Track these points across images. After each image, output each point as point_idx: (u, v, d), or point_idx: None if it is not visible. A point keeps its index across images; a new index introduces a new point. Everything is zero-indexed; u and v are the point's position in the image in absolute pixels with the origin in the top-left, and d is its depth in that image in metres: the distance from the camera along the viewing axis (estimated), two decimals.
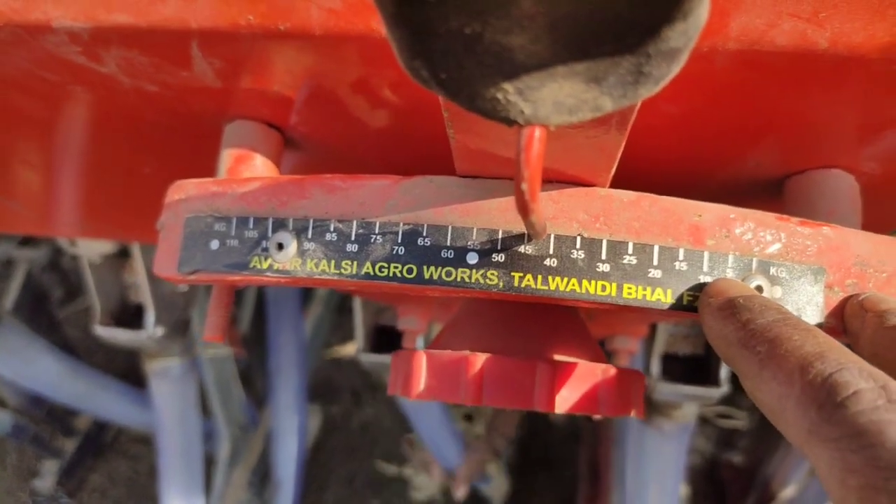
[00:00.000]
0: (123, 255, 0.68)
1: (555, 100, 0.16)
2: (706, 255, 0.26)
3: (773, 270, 0.26)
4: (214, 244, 0.29)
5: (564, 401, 0.29)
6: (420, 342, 0.61)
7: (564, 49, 0.15)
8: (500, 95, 0.16)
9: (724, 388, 0.63)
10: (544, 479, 1.85)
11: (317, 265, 0.28)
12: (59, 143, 0.40)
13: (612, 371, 0.30)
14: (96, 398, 1.07)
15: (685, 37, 0.15)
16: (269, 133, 0.37)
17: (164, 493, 0.88)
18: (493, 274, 0.26)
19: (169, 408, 0.83)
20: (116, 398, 1.12)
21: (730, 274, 0.26)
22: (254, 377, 1.47)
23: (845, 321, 0.26)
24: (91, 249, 0.65)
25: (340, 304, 1.74)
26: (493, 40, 0.15)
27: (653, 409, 0.70)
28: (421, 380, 0.31)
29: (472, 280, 0.26)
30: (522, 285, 0.26)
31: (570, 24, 0.15)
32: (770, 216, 0.27)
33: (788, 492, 1.31)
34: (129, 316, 0.73)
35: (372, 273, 0.27)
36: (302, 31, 0.29)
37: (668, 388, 0.64)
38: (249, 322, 1.34)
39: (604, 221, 0.26)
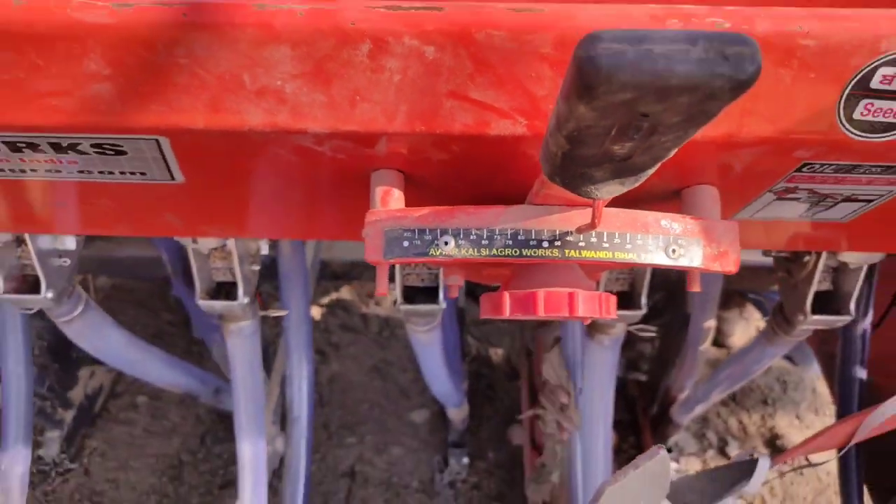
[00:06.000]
0: (221, 248, 0.92)
1: (607, 191, 0.46)
2: (650, 237, 0.56)
3: (679, 242, 0.57)
4: (405, 243, 0.57)
5: (583, 310, 0.59)
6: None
7: (612, 176, 0.45)
8: (589, 188, 0.45)
9: (643, 311, 0.96)
10: (488, 408, 2.19)
11: (466, 252, 0.56)
12: (270, 185, 0.66)
13: (603, 295, 0.60)
14: (147, 366, 1.29)
15: (653, 170, 0.44)
16: (399, 175, 0.64)
17: (238, 427, 1.13)
18: (555, 251, 0.55)
19: (242, 359, 1.08)
20: (162, 366, 1.35)
21: (660, 243, 0.56)
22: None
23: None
24: (205, 245, 0.90)
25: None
26: (587, 174, 0.44)
27: (594, 327, 1.03)
28: (506, 307, 0.60)
29: (546, 254, 0.55)
30: (569, 255, 0.55)
31: (619, 169, 0.44)
32: (677, 216, 0.57)
33: (684, 395, 1.70)
34: (216, 291, 0.98)
35: (497, 254, 0.56)
36: (446, 135, 0.56)
37: None
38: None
39: (605, 223, 0.56)
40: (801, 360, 2.29)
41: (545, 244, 0.55)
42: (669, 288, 2.06)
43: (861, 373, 1.35)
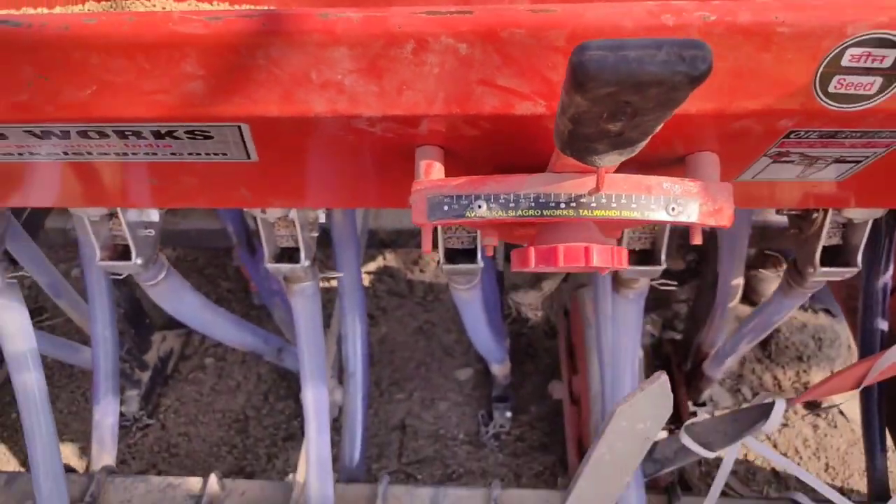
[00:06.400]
0: (285, 217, 1.05)
1: (609, 160, 0.56)
2: (652, 197, 0.66)
3: (678, 201, 0.67)
4: (445, 207, 0.68)
5: (597, 261, 0.70)
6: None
7: (611, 148, 0.55)
8: (593, 158, 0.56)
9: (663, 266, 1.05)
10: (530, 365, 2.31)
11: (496, 213, 0.67)
12: (330, 161, 0.78)
13: (615, 248, 0.71)
14: (218, 326, 1.45)
15: (644, 142, 0.55)
16: (439, 150, 0.75)
17: (303, 377, 1.27)
18: (571, 210, 0.66)
19: (305, 316, 1.22)
20: (231, 326, 1.50)
21: (661, 203, 0.66)
22: None
23: None
24: (272, 214, 1.03)
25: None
26: (591, 147, 0.55)
27: (620, 283, 1.13)
28: (532, 259, 0.71)
29: (564, 213, 0.66)
30: (582, 214, 0.66)
31: (615, 143, 0.54)
32: (678, 179, 0.67)
33: (714, 350, 1.79)
34: (280, 255, 1.11)
35: (522, 214, 0.66)
36: (478, 115, 0.67)
37: (630, 269, 1.06)
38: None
39: (611, 186, 0.66)
40: (838, 313, 2.34)
41: (562, 205, 0.66)
42: (702, 250, 2.13)
43: (882, 324, 1.42)
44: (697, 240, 0.74)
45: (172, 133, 0.74)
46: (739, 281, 1.62)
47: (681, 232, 2.16)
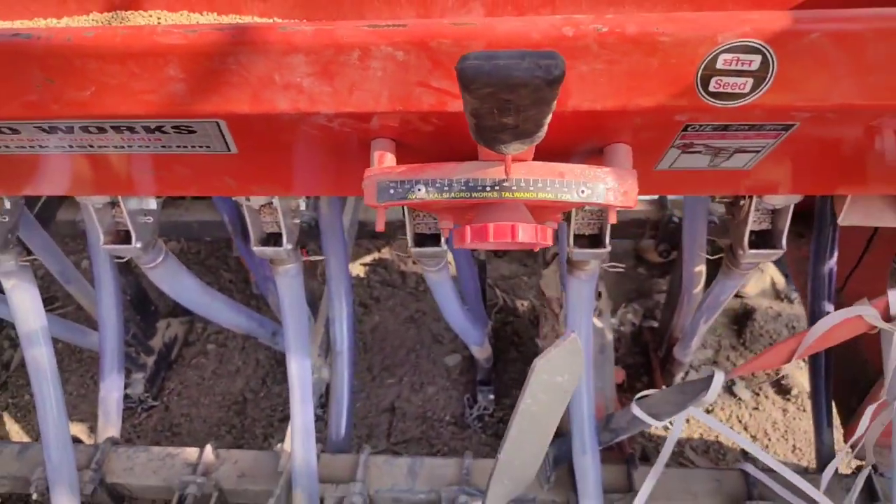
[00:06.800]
0: (269, 205, 1.18)
1: (514, 148, 0.67)
2: (565, 181, 0.78)
3: (587, 185, 0.78)
4: (391, 191, 0.80)
5: (522, 237, 0.81)
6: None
7: (513, 138, 0.66)
8: (500, 147, 0.68)
9: (608, 249, 1.16)
10: (514, 352, 2.43)
11: (433, 195, 0.79)
12: (298, 153, 0.90)
13: (540, 227, 0.82)
14: (215, 308, 1.57)
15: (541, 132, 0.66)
16: (391, 143, 0.87)
17: (287, 348, 1.39)
18: (495, 193, 0.77)
19: (289, 294, 1.34)
20: (227, 309, 1.63)
21: (573, 186, 0.78)
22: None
23: None
24: (256, 202, 1.15)
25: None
26: (497, 138, 0.66)
27: (573, 265, 1.24)
28: (467, 236, 0.83)
29: (489, 195, 0.78)
30: (504, 196, 0.77)
31: (516, 134, 0.66)
32: (588, 166, 0.79)
33: (681, 336, 1.90)
34: (265, 240, 1.24)
35: (455, 196, 0.78)
36: (417, 112, 0.78)
37: (579, 252, 1.18)
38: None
39: (529, 172, 0.77)
40: None
41: (488, 188, 0.78)
42: (675, 243, 2.24)
43: (829, 307, 1.53)
44: (612, 219, 0.85)
45: (161, 128, 0.87)
46: (701, 268, 1.72)
47: (659, 227, 2.27)
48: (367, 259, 2.79)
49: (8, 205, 1.31)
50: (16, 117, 0.86)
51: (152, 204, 1.25)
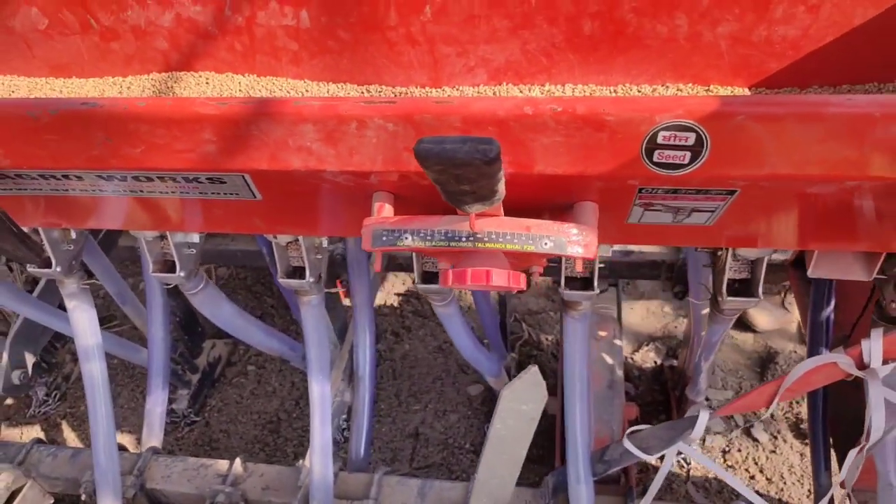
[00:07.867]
0: (295, 241, 1.33)
1: (476, 208, 0.80)
2: (531, 234, 0.90)
3: (550, 237, 0.90)
4: (384, 238, 0.94)
5: (496, 281, 0.94)
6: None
7: (474, 200, 0.79)
8: (465, 206, 0.81)
9: (597, 292, 1.27)
10: None
11: (418, 244, 0.92)
12: (313, 201, 1.05)
13: (513, 273, 0.94)
14: (250, 331, 1.74)
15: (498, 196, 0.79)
16: (389, 195, 1.01)
17: (309, 371, 1.54)
18: (469, 243, 0.90)
19: (312, 321, 1.49)
20: (261, 332, 1.79)
21: (537, 238, 0.90)
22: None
23: None
24: (283, 239, 1.31)
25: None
26: (462, 200, 0.79)
27: (567, 306, 1.35)
28: (449, 279, 0.96)
29: (465, 244, 0.90)
30: (477, 245, 0.90)
31: (476, 197, 0.79)
32: (552, 222, 0.91)
33: (692, 375, 1.97)
34: (292, 272, 1.39)
35: (436, 244, 0.91)
36: (407, 172, 0.92)
37: (570, 294, 1.29)
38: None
39: (499, 226, 0.90)
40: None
41: (463, 239, 0.91)
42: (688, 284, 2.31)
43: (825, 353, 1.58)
44: (579, 266, 0.97)
45: (197, 179, 1.03)
46: (708, 310, 1.80)
47: (674, 269, 2.34)
48: (401, 289, 2.94)
49: (74, 235, 1.51)
50: (81, 168, 1.03)
51: (195, 238, 1.42)
